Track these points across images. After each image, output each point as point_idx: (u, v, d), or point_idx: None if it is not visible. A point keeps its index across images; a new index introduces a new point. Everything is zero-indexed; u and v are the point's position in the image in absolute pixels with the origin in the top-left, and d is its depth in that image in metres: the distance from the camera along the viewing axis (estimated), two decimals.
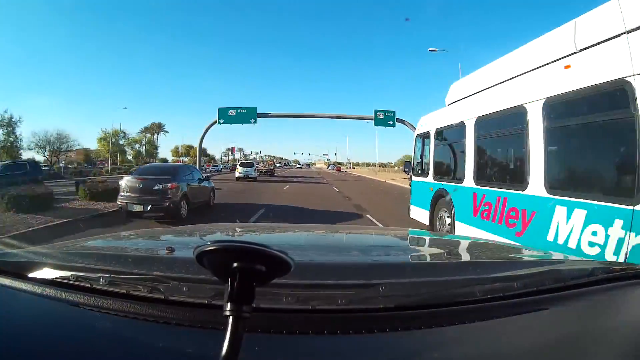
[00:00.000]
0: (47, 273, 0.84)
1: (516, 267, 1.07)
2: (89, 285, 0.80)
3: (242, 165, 26.62)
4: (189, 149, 73.25)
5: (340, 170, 68.74)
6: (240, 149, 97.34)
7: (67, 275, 0.83)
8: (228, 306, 0.50)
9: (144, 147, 56.93)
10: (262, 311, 0.68)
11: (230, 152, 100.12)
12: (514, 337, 0.74)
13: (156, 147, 63.44)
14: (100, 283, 0.79)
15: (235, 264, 0.51)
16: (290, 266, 0.51)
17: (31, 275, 0.86)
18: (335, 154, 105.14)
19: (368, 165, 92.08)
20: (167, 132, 69.68)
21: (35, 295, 0.81)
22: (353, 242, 1.63)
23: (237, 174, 25.00)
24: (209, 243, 0.50)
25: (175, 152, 75.48)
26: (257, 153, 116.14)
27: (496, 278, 0.91)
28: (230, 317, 0.50)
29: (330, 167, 78.25)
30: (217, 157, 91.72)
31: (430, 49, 20.91)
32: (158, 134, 66.19)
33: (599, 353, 0.71)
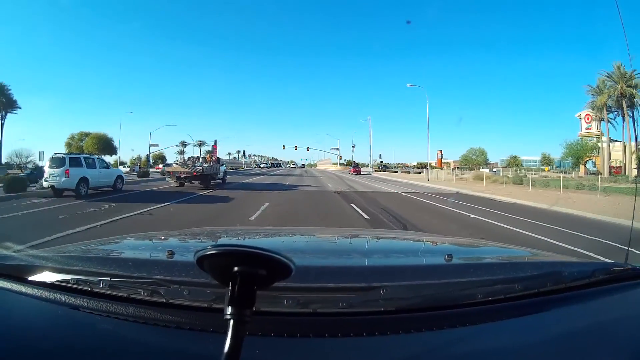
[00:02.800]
0: (47, 276, 0.84)
1: (517, 269, 1.06)
2: (89, 289, 0.80)
3: (52, 164, 11.91)
4: (82, 138, 47.47)
5: (359, 173, 44.22)
6: (201, 142, 58.60)
7: (67, 279, 0.82)
8: (229, 310, 0.50)
9: None
10: (263, 314, 0.68)
11: (182, 148, 66.22)
12: (515, 339, 0.74)
13: None
14: (101, 286, 0.79)
15: (235, 268, 0.51)
16: (291, 270, 0.51)
17: (31, 278, 0.86)
18: (353, 147, 66.72)
19: (403, 167, 56.29)
20: (19, 109, 40.75)
21: (36, 298, 0.81)
22: (354, 245, 1.63)
23: (43, 182, 12.04)
24: (209, 247, 0.50)
25: (69, 143, 47.21)
26: (238, 151, 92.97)
27: (497, 280, 0.91)
28: (231, 321, 0.50)
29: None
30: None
31: None
32: (2, 115, 37.90)
33: (601, 354, 0.71)
